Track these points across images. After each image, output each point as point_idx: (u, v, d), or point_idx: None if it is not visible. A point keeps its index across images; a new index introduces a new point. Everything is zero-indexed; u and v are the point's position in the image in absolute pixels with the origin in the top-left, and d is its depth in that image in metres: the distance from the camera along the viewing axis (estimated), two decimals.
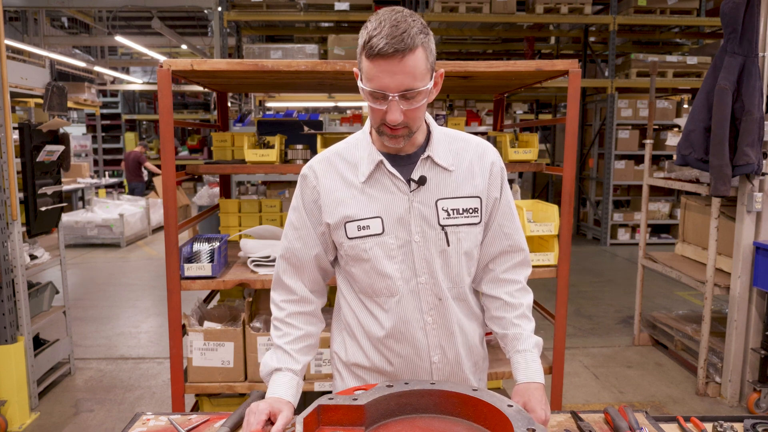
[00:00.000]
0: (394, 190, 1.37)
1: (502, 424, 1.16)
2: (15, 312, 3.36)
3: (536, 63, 2.51)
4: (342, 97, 9.56)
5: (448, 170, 1.40)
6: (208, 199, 8.00)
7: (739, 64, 3.37)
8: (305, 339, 1.47)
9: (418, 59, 1.22)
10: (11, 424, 3.31)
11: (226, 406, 2.94)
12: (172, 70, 2.36)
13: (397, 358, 1.44)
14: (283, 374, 1.41)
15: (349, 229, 1.38)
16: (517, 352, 1.45)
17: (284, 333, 1.45)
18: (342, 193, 1.39)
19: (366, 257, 1.38)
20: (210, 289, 3.20)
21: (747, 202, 3.48)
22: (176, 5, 8.42)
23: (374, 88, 1.24)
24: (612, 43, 8.67)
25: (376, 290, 1.41)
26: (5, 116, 3.21)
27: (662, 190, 9.06)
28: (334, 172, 1.41)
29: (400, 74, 1.21)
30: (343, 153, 1.42)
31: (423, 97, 1.27)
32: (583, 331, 5.09)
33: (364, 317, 1.45)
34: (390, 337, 1.42)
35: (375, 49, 1.20)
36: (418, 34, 1.22)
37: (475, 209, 1.41)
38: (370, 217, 1.37)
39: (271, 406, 1.33)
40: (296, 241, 1.45)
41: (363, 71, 1.26)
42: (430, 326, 1.42)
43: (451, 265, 1.41)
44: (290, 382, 1.40)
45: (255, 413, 1.30)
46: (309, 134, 3.44)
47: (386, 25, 1.20)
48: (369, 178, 1.37)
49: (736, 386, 3.65)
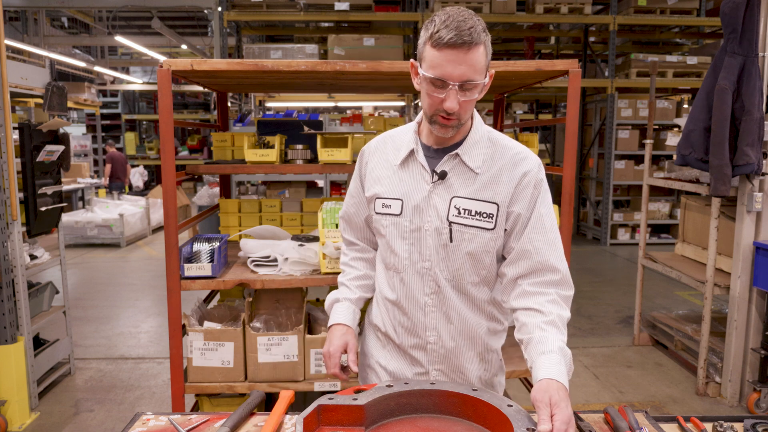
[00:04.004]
0: (419, 178, 1.47)
1: (502, 424, 1.16)
2: (15, 312, 3.36)
3: (536, 63, 2.51)
4: (342, 97, 9.56)
5: (474, 171, 1.44)
6: (208, 199, 8.01)
7: (739, 64, 3.37)
8: (363, 279, 1.69)
9: (480, 54, 1.31)
10: (11, 424, 3.31)
11: (226, 406, 2.94)
12: (172, 70, 2.36)
13: (400, 328, 1.56)
14: (341, 304, 1.64)
15: (377, 205, 1.53)
16: (541, 354, 1.27)
17: (346, 272, 1.71)
18: (381, 172, 1.54)
19: (383, 233, 1.53)
20: (210, 289, 3.20)
21: (747, 202, 3.48)
22: (176, 5, 8.42)
23: (437, 75, 1.31)
24: (612, 43, 8.67)
25: (389, 264, 1.55)
26: (5, 116, 3.21)
27: (662, 190, 9.06)
28: (383, 152, 1.56)
29: (464, 65, 1.29)
30: (395, 136, 1.57)
31: (477, 91, 1.35)
32: (583, 331, 5.09)
33: (382, 284, 1.60)
34: (396, 306, 1.55)
35: (444, 39, 1.28)
36: (482, 31, 1.31)
37: (490, 215, 1.42)
38: (394, 198, 1.49)
39: (340, 343, 1.54)
40: (351, 207, 1.68)
41: (426, 60, 1.34)
42: (429, 308, 1.50)
43: (453, 260, 1.46)
44: (347, 310, 1.63)
45: (330, 357, 1.53)
46: (309, 134, 3.44)
47: (455, 20, 1.29)
48: (403, 162, 1.50)
49: (736, 386, 3.65)
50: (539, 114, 13.14)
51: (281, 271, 2.62)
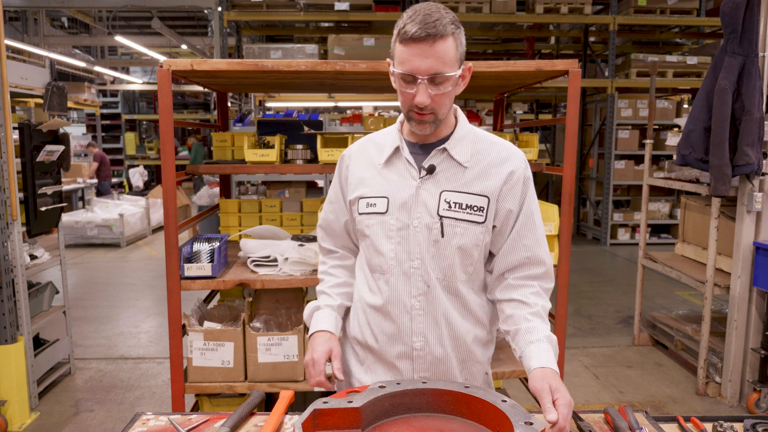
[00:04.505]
0: (406, 174, 1.45)
1: (497, 419, 1.16)
2: (15, 312, 3.36)
3: (536, 63, 2.51)
4: (342, 97, 9.55)
5: (462, 166, 1.43)
6: (208, 199, 8.00)
7: (739, 64, 3.37)
8: (344, 286, 1.63)
9: (448, 46, 1.30)
10: (11, 424, 3.31)
11: (226, 406, 2.94)
12: (172, 70, 2.36)
13: (382, 336, 1.50)
14: (322, 311, 1.58)
15: (361, 205, 1.49)
16: (530, 343, 1.37)
17: (326, 281, 1.65)
18: (364, 173, 1.50)
19: (367, 233, 1.48)
20: (210, 289, 3.20)
21: (747, 202, 3.48)
22: (176, 5, 8.42)
23: (405, 70, 1.31)
24: (612, 43, 8.67)
25: (373, 266, 1.50)
26: (5, 116, 3.21)
27: (662, 190, 9.06)
28: (365, 154, 1.53)
29: (431, 58, 1.28)
30: (376, 138, 1.55)
31: (450, 84, 1.33)
32: (583, 331, 5.09)
33: (364, 291, 1.54)
34: (379, 312, 1.49)
35: (408, 33, 1.28)
36: (449, 23, 1.29)
37: (481, 208, 1.41)
38: (379, 196, 1.46)
39: (324, 349, 1.47)
40: (330, 214, 1.63)
41: (396, 57, 1.34)
42: (416, 311, 1.45)
43: (443, 256, 1.43)
44: (329, 316, 1.56)
45: (315, 365, 1.45)
46: (309, 134, 3.44)
47: (421, 14, 1.28)
48: (388, 160, 1.47)
49: (736, 386, 3.65)
50: (539, 114, 13.14)
51: (281, 271, 2.62)
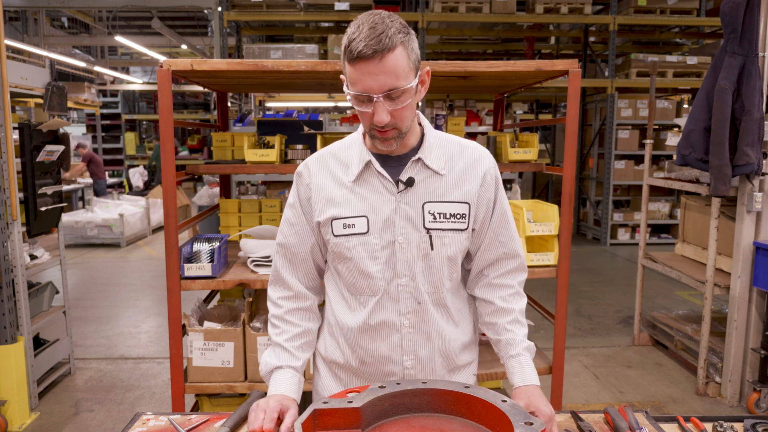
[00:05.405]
0: (382, 190, 1.37)
1: (497, 419, 1.16)
2: (15, 312, 3.36)
3: (536, 63, 2.51)
4: (342, 97, 9.56)
5: (439, 174, 1.39)
6: (208, 199, 8.00)
7: (739, 64, 3.37)
8: (304, 336, 1.48)
9: (399, 58, 1.22)
10: (11, 424, 3.31)
11: (226, 406, 2.94)
12: (172, 70, 2.36)
13: (370, 358, 1.44)
14: (284, 371, 1.42)
15: (335, 227, 1.39)
16: (510, 357, 1.46)
17: (282, 330, 1.47)
18: (332, 192, 1.39)
19: (349, 256, 1.39)
20: (210, 289, 3.20)
21: (747, 202, 3.48)
22: (176, 5, 8.42)
23: (358, 91, 1.24)
24: (612, 43, 8.67)
25: (358, 288, 1.42)
26: (5, 116, 3.21)
27: (662, 190, 9.06)
28: (327, 170, 1.42)
29: (382, 75, 1.21)
30: (337, 153, 1.43)
31: (408, 97, 1.26)
32: (583, 331, 5.09)
33: (344, 314, 1.45)
34: (365, 335, 1.42)
35: (354, 52, 1.20)
36: (396, 33, 1.21)
37: (463, 215, 1.40)
38: (356, 215, 1.37)
39: (280, 404, 1.33)
40: (292, 237, 1.46)
41: (347, 76, 1.27)
42: (406, 329, 1.41)
43: (433, 269, 1.40)
44: (292, 380, 1.42)
45: (266, 410, 1.30)
46: (309, 134, 3.44)
47: (364, 28, 1.20)
48: (358, 177, 1.38)
49: (736, 386, 3.65)
50: (539, 114, 13.13)
51: None
